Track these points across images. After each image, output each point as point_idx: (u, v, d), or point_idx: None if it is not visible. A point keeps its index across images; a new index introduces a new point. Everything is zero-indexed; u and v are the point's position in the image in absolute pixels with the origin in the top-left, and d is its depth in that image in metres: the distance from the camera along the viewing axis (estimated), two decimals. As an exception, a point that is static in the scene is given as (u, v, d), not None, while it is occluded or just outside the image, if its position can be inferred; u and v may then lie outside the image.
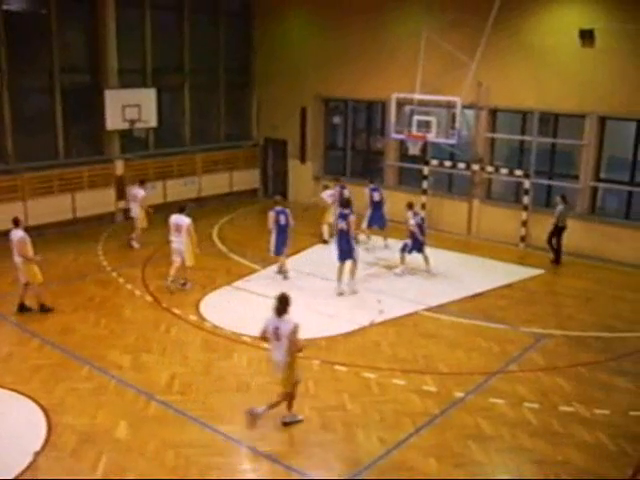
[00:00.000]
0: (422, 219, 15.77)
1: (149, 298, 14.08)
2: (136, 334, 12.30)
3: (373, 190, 17.82)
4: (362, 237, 17.82)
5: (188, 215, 14.35)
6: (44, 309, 13.26)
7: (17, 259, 12.95)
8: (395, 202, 19.51)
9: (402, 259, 15.74)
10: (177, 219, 14.25)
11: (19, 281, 13.23)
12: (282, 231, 15.12)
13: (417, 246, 15.57)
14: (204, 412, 9.64)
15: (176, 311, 13.32)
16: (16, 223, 13.10)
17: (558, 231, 16.73)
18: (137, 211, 17.65)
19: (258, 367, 11.08)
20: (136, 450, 8.73)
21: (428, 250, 15.78)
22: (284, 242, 15.20)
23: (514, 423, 9.51)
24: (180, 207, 14.55)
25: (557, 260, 16.88)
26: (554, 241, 16.82)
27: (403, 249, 15.69)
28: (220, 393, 10.26)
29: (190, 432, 9.17)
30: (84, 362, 11.12)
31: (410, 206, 15.85)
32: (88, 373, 10.79)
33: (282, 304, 9.00)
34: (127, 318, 13.10)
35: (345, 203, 15.01)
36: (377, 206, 17.77)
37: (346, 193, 17.85)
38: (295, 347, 9.03)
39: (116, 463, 8.47)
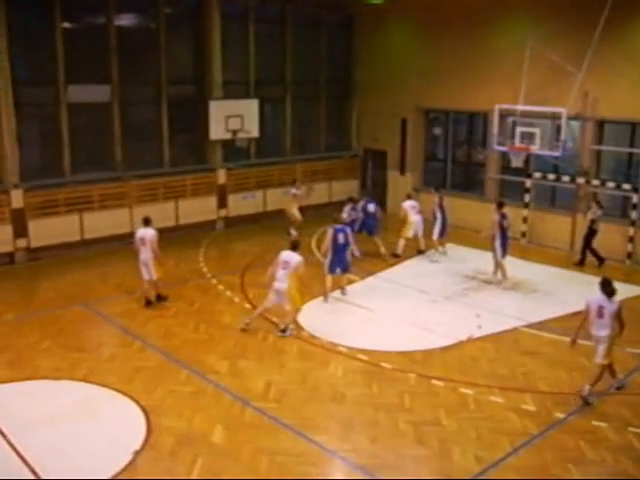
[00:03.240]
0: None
1: (248, 305, 14.27)
2: (234, 340, 12.50)
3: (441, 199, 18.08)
4: (440, 249, 17.98)
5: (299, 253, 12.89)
6: (161, 299, 14.25)
7: (147, 255, 13.73)
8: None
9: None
10: (287, 256, 12.65)
11: (143, 278, 13.98)
12: (340, 250, 14.38)
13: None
14: (299, 421, 9.67)
15: (273, 319, 13.44)
16: (147, 222, 13.91)
17: (592, 235, 16.93)
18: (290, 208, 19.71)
19: (353, 378, 11.06)
20: (231, 455, 8.84)
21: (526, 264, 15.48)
22: (341, 261, 14.39)
23: (617, 448, 9.11)
24: (293, 244, 12.98)
25: (601, 261, 17.16)
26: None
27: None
28: (315, 403, 10.28)
29: (284, 440, 9.22)
30: (183, 366, 11.38)
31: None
32: (187, 377, 11.03)
33: (610, 286, 10.10)
34: (226, 324, 13.31)
35: (501, 204, 15.71)
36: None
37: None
38: (621, 324, 10.07)
39: (211, 467, 8.60)
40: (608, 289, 10.13)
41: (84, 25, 18.58)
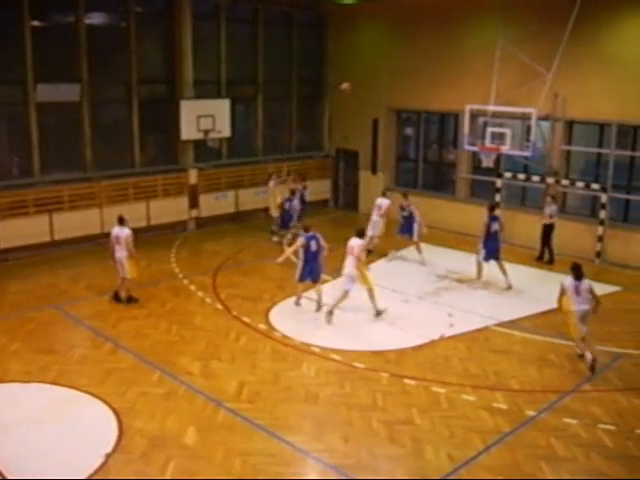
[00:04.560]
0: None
1: (219, 306, 14.23)
2: (206, 341, 12.44)
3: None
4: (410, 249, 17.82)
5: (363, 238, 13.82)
6: (132, 300, 14.17)
7: (121, 254, 13.81)
8: (466, 215, 19.44)
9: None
10: (352, 241, 13.56)
11: (118, 274, 14.05)
12: (312, 259, 13.77)
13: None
14: (272, 421, 9.66)
15: (246, 320, 13.42)
16: (121, 221, 13.97)
17: (551, 230, 17.37)
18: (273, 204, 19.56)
19: (326, 378, 11.06)
20: (204, 456, 8.80)
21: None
22: (312, 271, 13.87)
23: (588, 445, 9.21)
24: (359, 231, 13.74)
25: (541, 257, 17.75)
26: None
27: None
28: (288, 403, 10.27)
29: (257, 441, 9.19)
30: (155, 367, 11.30)
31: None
32: (159, 378, 10.96)
33: (579, 270, 11.47)
34: (198, 325, 13.25)
35: (493, 207, 15.93)
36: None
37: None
38: (596, 299, 11.45)
39: (184, 468, 8.55)
40: (577, 272, 11.47)
41: (53, 23, 18.42)
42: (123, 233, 13.80)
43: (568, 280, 11.56)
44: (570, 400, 10.48)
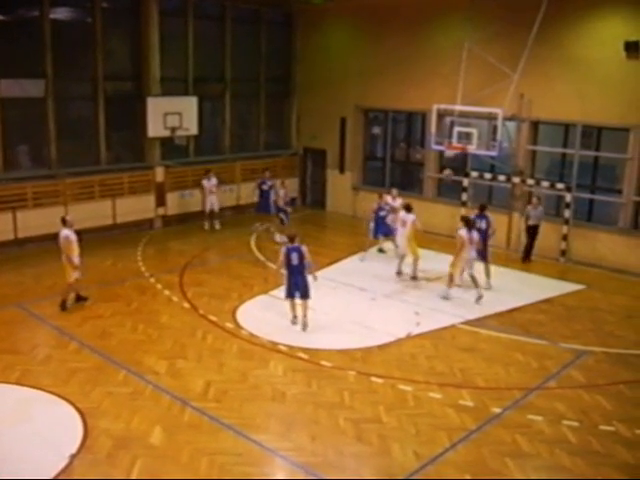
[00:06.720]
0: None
1: (186, 305, 14.14)
2: (172, 340, 12.36)
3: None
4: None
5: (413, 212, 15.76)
6: (80, 299, 14.00)
7: (63, 256, 13.52)
8: (434, 214, 19.53)
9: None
10: (404, 216, 15.70)
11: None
12: (295, 272, 12.87)
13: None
14: (239, 420, 9.62)
15: (213, 318, 13.36)
16: (63, 222, 13.66)
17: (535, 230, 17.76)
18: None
19: (293, 376, 11.05)
20: (170, 456, 8.74)
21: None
22: (297, 284, 12.90)
23: (552, 441, 9.32)
24: (407, 206, 15.94)
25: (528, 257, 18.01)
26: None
27: None
28: (255, 402, 10.24)
29: (224, 440, 9.15)
30: (121, 367, 11.19)
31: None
32: (125, 378, 10.86)
33: (470, 222, 14.39)
34: (164, 324, 13.15)
35: (482, 207, 16.12)
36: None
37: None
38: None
39: (150, 469, 8.48)
40: (470, 224, 14.27)
41: (17, 18, 18.08)
42: (61, 235, 13.46)
43: (463, 231, 14.11)
44: (535, 397, 10.59)
